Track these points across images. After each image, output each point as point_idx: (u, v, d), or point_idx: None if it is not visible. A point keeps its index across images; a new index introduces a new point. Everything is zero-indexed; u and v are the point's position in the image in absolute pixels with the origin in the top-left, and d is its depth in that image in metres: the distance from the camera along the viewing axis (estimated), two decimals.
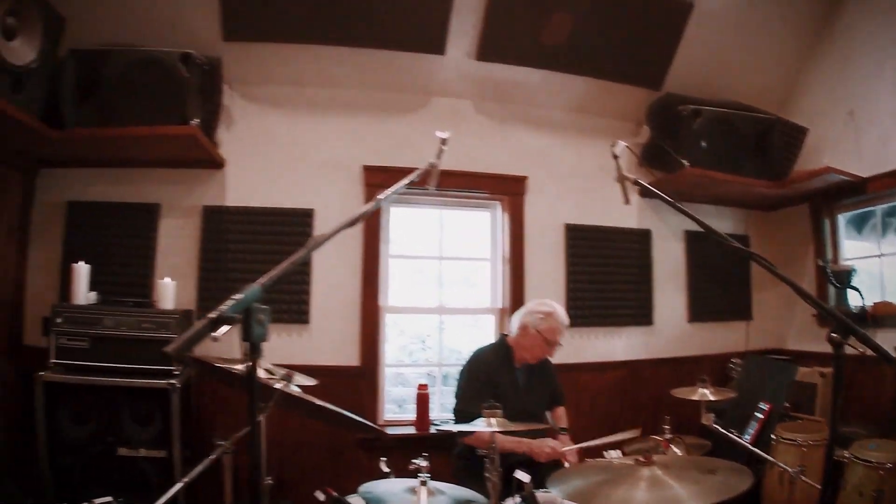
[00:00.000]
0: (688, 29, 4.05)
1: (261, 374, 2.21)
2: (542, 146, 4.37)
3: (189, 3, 3.62)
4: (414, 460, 2.16)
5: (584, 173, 4.37)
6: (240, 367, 2.24)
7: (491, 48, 3.97)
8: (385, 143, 4.11)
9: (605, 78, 4.26)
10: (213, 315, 1.13)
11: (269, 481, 2.44)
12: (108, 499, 2.64)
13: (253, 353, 1.20)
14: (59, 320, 3.26)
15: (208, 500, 2.91)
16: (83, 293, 3.40)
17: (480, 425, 2.23)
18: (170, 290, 3.49)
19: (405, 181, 1.72)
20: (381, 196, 1.63)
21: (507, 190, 4.29)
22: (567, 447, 2.91)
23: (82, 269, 3.42)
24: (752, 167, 4.17)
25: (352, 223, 1.47)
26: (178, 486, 1.90)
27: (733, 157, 4.11)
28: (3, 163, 3.52)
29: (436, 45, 3.88)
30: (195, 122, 3.42)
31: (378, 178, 4.02)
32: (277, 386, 1.99)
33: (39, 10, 3.02)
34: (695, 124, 3.97)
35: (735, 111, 4.13)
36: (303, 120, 4.08)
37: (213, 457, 2.02)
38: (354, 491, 2.28)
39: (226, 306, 1.15)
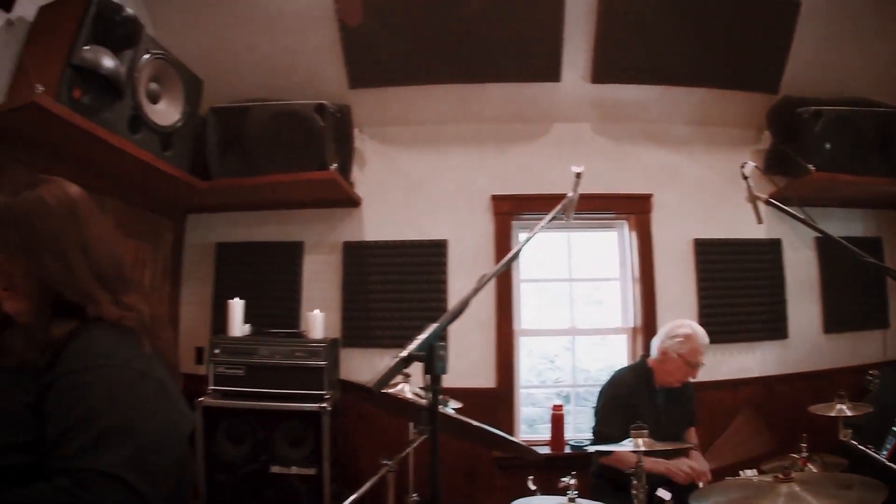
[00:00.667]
0: (798, 27, 3.88)
1: (413, 397, 2.39)
2: (665, 162, 4.30)
3: (316, 57, 3.87)
4: (562, 479, 2.26)
5: (709, 186, 4.25)
6: (392, 390, 2.45)
7: (604, 70, 3.97)
8: (510, 171, 4.20)
9: (721, 86, 4.15)
10: (403, 354, 1.29)
11: (416, 498, 2.60)
12: None
13: (434, 384, 1.36)
14: (216, 351, 3.54)
15: None
16: (238, 326, 3.67)
17: (626, 446, 2.29)
18: (319, 321, 3.70)
19: (548, 217, 1.83)
20: (529, 234, 1.77)
21: (632, 209, 4.26)
22: (704, 469, 2.86)
23: (237, 305, 3.69)
24: (879, 164, 3.90)
25: (511, 259, 1.62)
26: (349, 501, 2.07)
27: (858, 156, 3.87)
28: (155, 212, 3.88)
29: (551, 72, 3.92)
30: (334, 166, 3.62)
31: (506, 207, 4.13)
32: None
33: (179, 75, 3.29)
34: (816, 126, 3.78)
35: (856, 108, 3.90)
36: (430, 155, 4.24)
37: (379, 474, 2.20)
38: None
39: (413, 345, 1.32)
